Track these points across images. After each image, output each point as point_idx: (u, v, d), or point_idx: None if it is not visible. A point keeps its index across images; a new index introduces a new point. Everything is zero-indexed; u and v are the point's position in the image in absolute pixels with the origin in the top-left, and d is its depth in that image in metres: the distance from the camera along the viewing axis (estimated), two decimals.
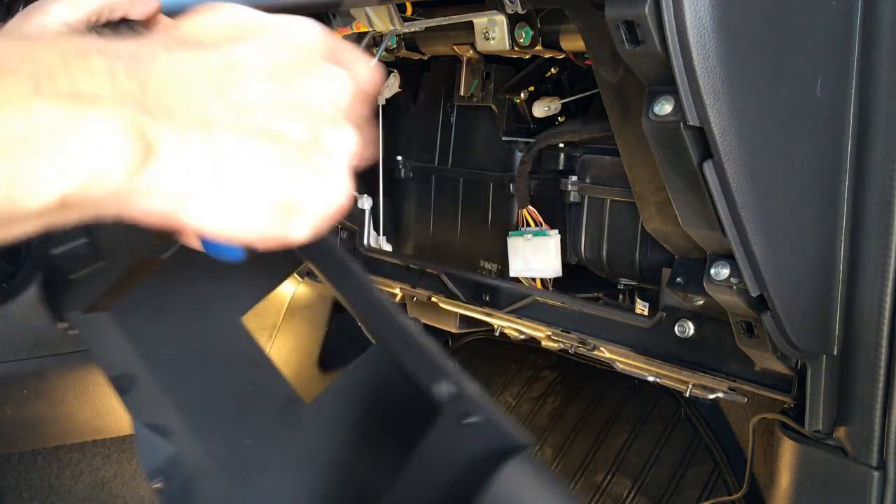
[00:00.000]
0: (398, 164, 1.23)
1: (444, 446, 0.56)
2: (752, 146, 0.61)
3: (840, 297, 0.72)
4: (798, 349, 0.71)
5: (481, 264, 1.14)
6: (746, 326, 0.74)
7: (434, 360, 0.59)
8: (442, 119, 1.17)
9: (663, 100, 0.60)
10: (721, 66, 0.57)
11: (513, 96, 1.03)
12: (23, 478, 1.50)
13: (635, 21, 0.57)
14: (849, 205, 0.70)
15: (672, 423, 1.53)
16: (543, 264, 1.03)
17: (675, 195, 0.67)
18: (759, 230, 0.64)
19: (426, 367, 0.59)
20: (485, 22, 0.87)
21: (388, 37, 0.96)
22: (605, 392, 1.60)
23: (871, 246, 0.70)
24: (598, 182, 0.99)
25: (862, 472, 0.74)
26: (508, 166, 1.09)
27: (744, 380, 0.84)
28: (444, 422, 0.56)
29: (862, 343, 0.72)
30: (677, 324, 0.86)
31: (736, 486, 1.38)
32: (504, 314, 1.06)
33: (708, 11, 0.55)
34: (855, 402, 0.74)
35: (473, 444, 0.55)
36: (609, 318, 0.94)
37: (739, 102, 0.59)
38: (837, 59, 0.66)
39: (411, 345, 0.60)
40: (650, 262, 0.95)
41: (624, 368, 0.98)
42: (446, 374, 0.58)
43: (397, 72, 1.21)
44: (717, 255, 0.70)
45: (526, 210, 1.05)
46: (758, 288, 0.67)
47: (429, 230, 1.21)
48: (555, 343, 1.06)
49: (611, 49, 0.65)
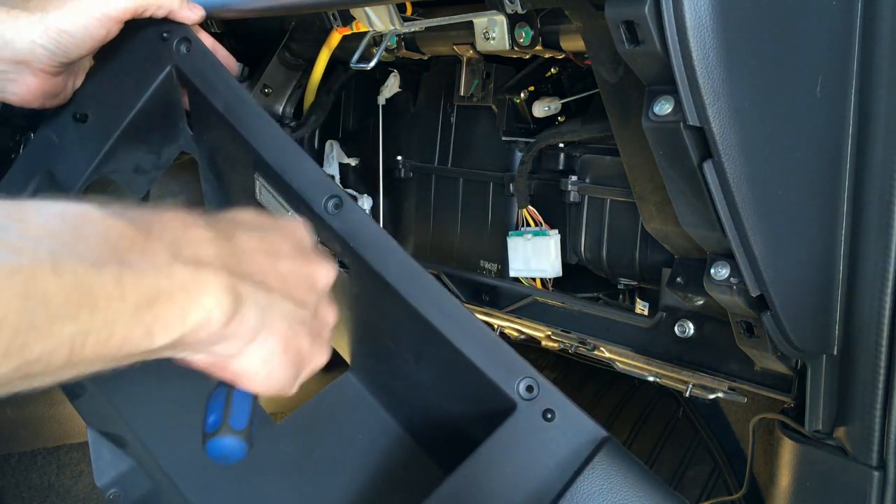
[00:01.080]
0: (398, 164, 1.23)
1: (520, 440, 0.58)
2: (752, 146, 0.61)
3: (840, 297, 0.72)
4: (798, 349, 0.71)
5: (481, 264, 1.14)
6: (746, 326, 0.74)
7: (513, 359, 0.60)
8: (442, 119, 1.17)
9: (663, 100, 0.60)
10: (721, 66, 0.57)
11: (513, 96, 1.03)
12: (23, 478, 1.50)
13: (635, 21, 0.57)
14: (849, 205, 0.70)
15: (672, 423, 1.53)
16: (543, 264, 1.03)
17: (674, 195, 0.67)
18: (759, 230, 0.64)
19: (502, 366, 0.60)
20: (485, 22, 0.87)
21: (388, 37, 0.95)
22: (604, 392, 1.60)
23: (871, 246, 0.70)
24: (598, 182, 0.99)
25: (862, 472, 0.74)
26: (508, 166, 1.09)
27: (744, 380, 0.84)
28: (521, 417, 0.58)
29: (862, 343, 0.72)
30: (677, 324, 0.86)
31: (736, 486, 1.38)
32: (504, 314, 1.06)
33: (708, 11, 0.55)
34: (855, 402, 0.74)
35: (556, 438, 0.57)
36: (609, 318, 0.94)
37: (739, 102, 0.59)
38: (837, 59, 0.66)
39: (489, 344, 0.61)
40: (650, 262, 0.95)
41: (624, 368, 0.98)
42: (525, 372, 0.59)
43: (397, 72, 1.21)
44: (717, 255, 0.70)
45: (526, 210, 1.05)
46: (758, 288, 0.67)
47: (429, 230, 1.21)
48: (555, 343, 1.06)
49: (611, 49, 0.65)
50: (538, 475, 0.56)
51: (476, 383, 0.60)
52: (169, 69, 0.78)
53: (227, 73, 0.75)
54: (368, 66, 0.96)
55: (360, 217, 0.66)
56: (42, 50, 0.72)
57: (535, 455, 0.57)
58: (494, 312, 1.07)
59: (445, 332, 0.61)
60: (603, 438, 0.57)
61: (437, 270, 1.13)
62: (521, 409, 0.58)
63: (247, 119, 0.71)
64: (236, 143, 0.72)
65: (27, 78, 0.75)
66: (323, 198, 0.67)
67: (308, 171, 0.69)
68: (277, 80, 1.20)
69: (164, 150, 0.87)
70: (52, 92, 0.79)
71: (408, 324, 0.64)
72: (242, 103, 0.72)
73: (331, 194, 0.67)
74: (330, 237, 0.67)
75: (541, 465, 0.57)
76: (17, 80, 0.75)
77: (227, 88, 0.73)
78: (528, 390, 0.58)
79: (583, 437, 0.57)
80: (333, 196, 0.67)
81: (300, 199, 0.68)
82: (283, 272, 0.54)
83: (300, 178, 0.68)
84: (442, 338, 0.61)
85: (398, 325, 0.68)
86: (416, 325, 0.63)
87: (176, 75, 0.78)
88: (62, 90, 0.81)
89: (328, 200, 0.67)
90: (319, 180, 0.68)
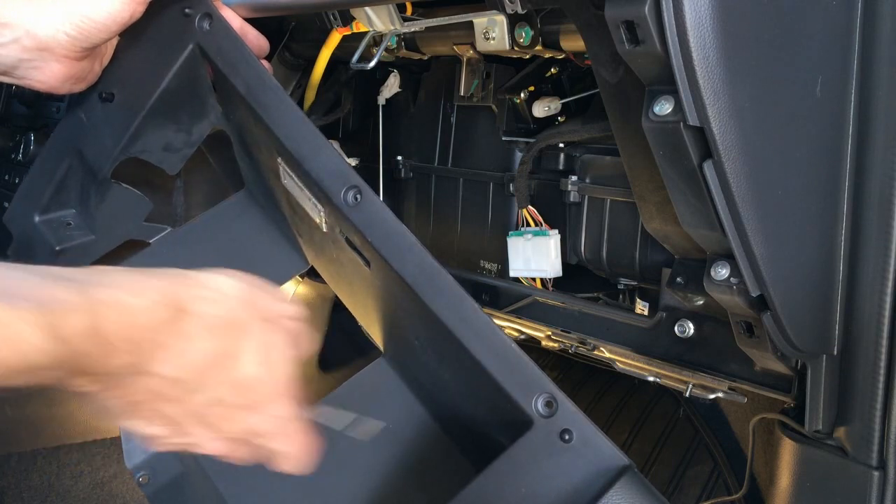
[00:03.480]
0: (398, 164, 1.23)
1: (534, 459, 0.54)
2: (752, 146, 0.61)
3: (840, 297, 0.72)
4: (798, 349, 0.71)
5: (481, 264, 1.14)
6: (746, 326, 0.74)
7: (532, 373, 0.57)
8: (442, 119, 1.17)
9: (663, 100, 0.60)
10: (721, 66, 0.57)
11: (513, 96, 1.03)
12: (23, 478, 1.50)
13: (635, 21, 0.57)
14: (849, 205, 0.70)
15: (672, 423, 1.53)
16: (543, 264, 1.03)
17: (674, 195, 0.67)
18: (759, 230, 0.64)
19: (521, 380, 0.56)
20: (485, 22, 0.87)
21: (388, 37, 0.95)
22: (604, 392, 1.60)
23: (871, 246, 0.70)
24: (598, 182, 0.99)
25: (862, 472, 0.74)
26: (508, 166, 1.09)
27: (744, 380, 0.84)
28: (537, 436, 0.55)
29: (862, 343, 0.72)
30: (677, 324, 0.86)
31: (736, 486, 1.38)
32: (504, 314, 1.06)
33: (708, 11, 0.55)
34: (855, 402, 0.74)
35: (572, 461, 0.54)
36: (609, 318, 0.94)
37: (739, 102, 0.59)
38: (837, 59, 0.66)
39: (509, 357, 0.57)
40: (650, 262, 0.95)
41: (624, 368, 0.98)
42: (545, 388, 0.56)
43: (397, 72, 1.21)
44: (717, 255, 0.70)
45: (526, 210, 1.05)
46: (758, 288, 0.67)
47: (429, 230, 1.21)
48: (555, 343, 1.06)
49: (611, 49, 0.65)
50: (551, 499, 0.53)
51: (495, 393, 0.58)
52: (192, 46, 0.76)
53: (248, 50, 0.73)
54: (368, 66, 0.96)
55: (380, 211, 0.63)
56: (65, 37, 0.71)
57: (549, 477, 0.54)
58: (494, 312, 1.07)
59: (463, 339, 0.58)
60: (623, 467, 0.53)
61: None
62: (537, 427, 0.55)
63: (267, 102, 0.69)
64: (258, 126, 0.71)
65: (51, 65, 0.74)
66: (343, 188, 0.64)
67: (328, 160, 0.66)
68: (277, 80, 1.20)
69: (194, 128, 0.85)
70: (77, 76, 0.78)
71: (427, 325, 0.62)
72: (263, 84, 0.70)
73: (351, 185, 0.64)
74: (350, 229, 0.65)
75: (554, 490, 0.53)
76: (41, 67, 0.74)
77: (247, 67, 0.71)
78: (546, 406, 0.55)
79: (602, 463, 0.53)
80: (353, 187, 0.64)
81: (319, 189, 0.66)
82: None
83: (320, 167, 0.66)
84: (459, 344, 0.58)
85: (419, 325, 0.66)
86: (435, 328, 0.60)
87: (200, 52, 0.77)
88: (88, 73, 0.80)
89: (348, 191, 0.64)
90: (340, 170, 0.65)
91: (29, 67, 0.74)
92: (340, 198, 0.64)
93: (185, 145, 0.86)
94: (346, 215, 0.64)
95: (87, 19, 0.71)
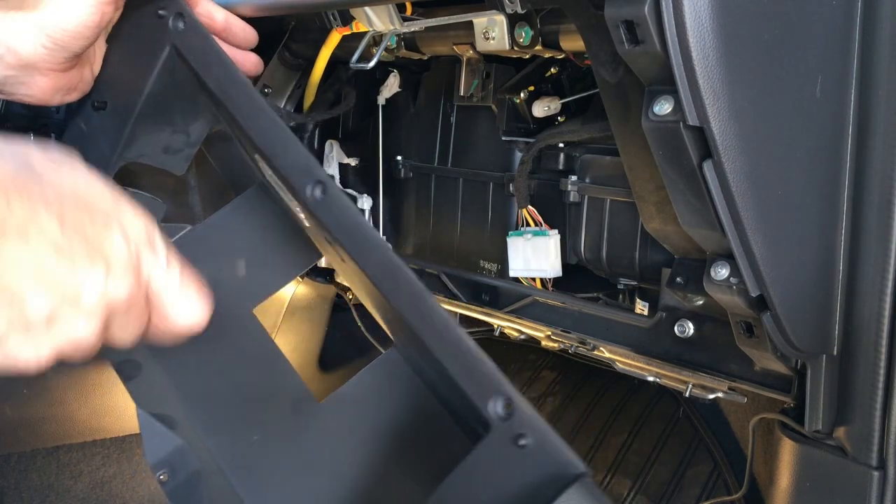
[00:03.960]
0: (398, 164, 1.23)
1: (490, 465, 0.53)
2: (752, 146, 0.61)
3: (840, 297, 0.72)
4: (798, 349, 0.71)
5: (481, 264, 1.14)
6: (746, 326, 0.74)
7: (488, 374, 0.55)
8: (442, 119, 1.17)
9: (663, 100, 0.61)
10: (721, 66, 0.57)
11: (513, 96, 1.03)
12: (23, 478, 1.50)
13: (635, 21, 0.57)
14: (849, 205, 0.70)
15: (672, 423, 1.53)
16: (543, 264, 1.03)
17: (674, 195, 0.67)
18: (759, 230, 0.64)
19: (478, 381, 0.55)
20: (485, 22, 0.87)
21: (388, 37, 0.95)
22: (604, 392, 1.60)
23: (871, 246, 0.70)
24: (598, 182, 0.99)
25: (862, 472, 0.74)
26: (508, 166, 1.09)
27: (744, 380, 0.84)
28: (494, 440, 0.53)
29: (862, 343, 0.72)
30: (677, 324, 0.86)
31: (736, 486, 1.38)
32: (504, 314, 1.06)
33: (708, 11, 0.55)
34: (855, 402, 0.74)
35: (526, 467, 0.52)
36: (609, 318, 0.94)
37: (739, 102, 0.59)
38: (837, 59, 0.66)
39: (465, 356, 0.56)
40: (650, 262, 0.95)
41: (624, 368, 0.98)
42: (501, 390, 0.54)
43: (397, 72, 1.21)
44: (717, 255, 0.70)
45: (526, 210, 1.05)
46: (757, 288, 0.67)
47: (428, 230, 1.21)
48: (554, 343, 1.06)
49: (611, 49, 0.65)
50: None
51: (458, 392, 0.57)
52: (168, 48, 0.76)
53: (217, 47, 0.72)
54: (368, 66, 0.96)
55: (343, 206, 0.63)
56: (43, 50, 0.71)
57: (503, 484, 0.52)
58: (494, 312, 1.07)
59: (423, 337, 0.57)
60: (576, 475, 0.50)
61: (436, 270, 1.13)
62: (495, 430, 0.53)
63: (237, 99, 0.69)
64: (233, 124, 0.71)
65: (37, 79, 0.74)
66: (309, 183, 0.63)
67: (294, 154, 0.65)
68: (277, 80, 1.20)
69: (191, 128, 0.85)
70: (67, 87, 0.78)
71: (395, 321, 0.62)
72: (232, 81, 0.69)
73: (316, 180, 0.63)
74: (318, 225, 0.65)
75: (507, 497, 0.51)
76: (27, 82, 0.73)
77: (218, 65, 0.71)
78: (505, 408, 0.53)
79: (554, 470, 0.50)
80: (318, 182, 0.63)
81: (290, 185, 0.65)
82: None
83: (287, 162, 0.65)
84: (421, 341, 0.57)
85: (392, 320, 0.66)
86: (399, 324, 0.60)
87: (176, 53, 0.76)
88: (79, 83, 0.79)
89: (314, 187, 0.63)
90: (305, 164, 0.65)
91: (16, 83, 0.73)
92: (306, 193, 0.63)
93: (185, 146, 0.86)
94: (311, 210, 0.63)
95: (60, 29, 0.70)
